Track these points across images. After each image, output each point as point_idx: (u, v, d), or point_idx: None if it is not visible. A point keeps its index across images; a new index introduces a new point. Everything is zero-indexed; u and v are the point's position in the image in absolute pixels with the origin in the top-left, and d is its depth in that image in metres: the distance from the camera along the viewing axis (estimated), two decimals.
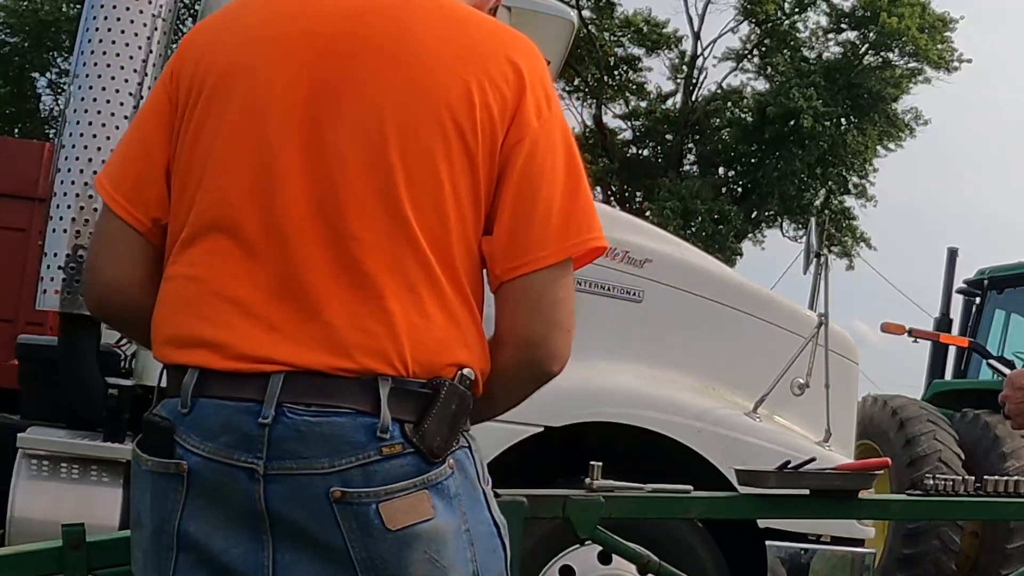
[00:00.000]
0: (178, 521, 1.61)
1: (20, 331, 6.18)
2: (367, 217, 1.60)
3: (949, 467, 7.68)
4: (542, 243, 1.66)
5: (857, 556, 4.33)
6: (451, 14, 1.72)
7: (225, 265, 1.64)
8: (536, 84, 1.69)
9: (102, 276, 1.79)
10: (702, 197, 24.94)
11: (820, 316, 4.55)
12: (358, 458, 1.56)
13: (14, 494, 4.13)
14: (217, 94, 1.68)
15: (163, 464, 1.62)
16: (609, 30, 28.16)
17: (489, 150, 1.65)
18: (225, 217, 1.65)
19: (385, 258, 1.60)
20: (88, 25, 4.20)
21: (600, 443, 4.17)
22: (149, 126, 1.77)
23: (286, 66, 1.66)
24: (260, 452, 1.56)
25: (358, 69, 1.65)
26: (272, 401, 1.56)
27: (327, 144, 1.63)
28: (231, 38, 1.74)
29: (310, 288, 1.60)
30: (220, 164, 1.66)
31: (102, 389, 4.23)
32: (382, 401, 1.56)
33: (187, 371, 1.62)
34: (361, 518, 1.56)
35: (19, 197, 7.24)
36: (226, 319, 1.61)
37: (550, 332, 1.69)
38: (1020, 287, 10.09)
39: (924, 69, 26.72)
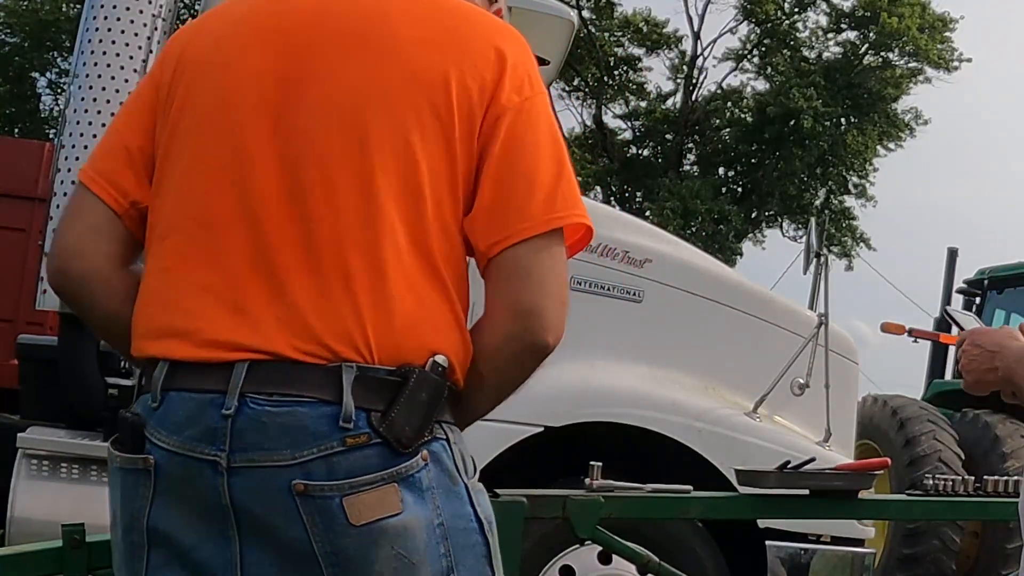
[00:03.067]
0: (147, 517, 1.59)
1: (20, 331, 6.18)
2: (337, 199, 1.58)
3: (949, 467, 7.68)
4: (526, 214, 1.61)
5: (857, 556, 4.33)
6: (434, 3, 1.71)
7: (196, 253, 1.63)
8: (519, 67, 1.67)
9: (66, 239, 1.73)
10: (702, 197, 24.93)
11: (820, 316, 4.55)
12: (320, 449, 1.51)
13: (14, 494, 4.13)
14: (193, 89, 1.69)
15: (131, 460, 1.61)
16: (609, 30, 28.15)
17: (467, 131, 1.62)
18: (195, 205, 1.64)
19: (354, 240, 1.57)
20: (88, 25, 4.20)
21: (600, 443, 4.17)
22: (133, 115, 1.77)
23: (256, 58, 1.67)
24: (223, 444, 1.53)
25: (328, 54, 1.64)
26: (235, 391, 1.53)
27: (298, 128, 1.62)
28: (210, 34, 1.75)
29: (278, 269, 1.57)
30: (192, 157, 1.66)
31: (102, 389, 4.23)
32: (344, 388, 1.51)
33: (157, 364, 1.60)
34: (324, 512, 1.51)
35: (19, 197, 7.25)
36: (196, 305, 1.60)
37: (542, 300, 1.62)
38: (1020, 287, 10.10)
39: (924, 69, 26.72)
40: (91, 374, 4.23)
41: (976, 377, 2.23)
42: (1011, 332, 2.25)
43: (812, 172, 27.28)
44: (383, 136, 1.60)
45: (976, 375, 2.23)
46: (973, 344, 2.24)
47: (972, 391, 2.30)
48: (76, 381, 4.24)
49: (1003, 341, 2.21)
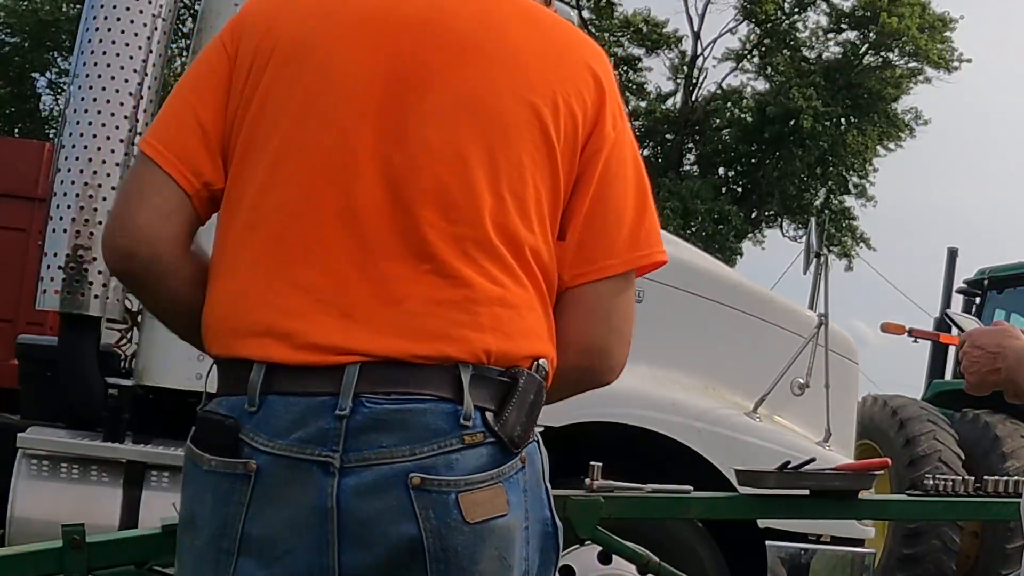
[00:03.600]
0: (241, 523, 1.53)
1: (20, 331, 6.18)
2: (450, 207, 1.56)
3: (949, 467, 7.67)
4: (611, 251, 1.66)
5: (857, 556, 4.33)
6: (532, 12, 1.70)
7: (292, 249, 1.57)
8: (613, 95, 1.68)
9: (134, 221, 1.62)
10: (702, 197, 24.94)
11: (820, 316, 4.55)
12: (440, 446, 1.50)
13: (14, 494, 4.13)
14: (285, 68, 1.61)
15: (229, 464, 1.54)
16: (609, 30, 28.15)
17: (569, 155, 1.63)
18: (290, 199, 1.58)
19: (466, 248, 1.56)
20: (88, 25, 4.20)
21: (600, 443, 4.17)
22: (205, 89, 1.67)
23: (361, 46, 1.61)
24: (336, 445, 1.49)
25: (446, 58, 1.60)
26: (349, 392, 1.50)
27: (411, 130, 1.58)
28: (301, 14, 1.66)
29: (388, 275, 1.54)
30: (288, 143, 1.59)
31: (102, 389, 4.23)
32: (465, 387, 1.52)
33: (252, 366, 1.54)
34: (439, 507, 1.50)
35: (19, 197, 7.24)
36: (296, 306, 1.54)
37: (614, 343, 1.70)
38: (1020, 287, 10.09)
39: (924, 69, 26.72)
40: (91, 374, 4.23)
41: (979, 379, 2.23)
42: (1011, 331, 2.25)
43: (812, 172, 27.28)
44: (496, 150, 1.59)
45: (978, 377, 2.23)
46: (974, 346, 2.23)
47: (975, 392, 2.30)
48: (76, 381, 4.24)
49: (1004, 341, 2.21)
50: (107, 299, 4.13)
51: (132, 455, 4.19)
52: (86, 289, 4.09)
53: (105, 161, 4.13)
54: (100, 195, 4.11)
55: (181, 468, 1.59)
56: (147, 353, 4.30)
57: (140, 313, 4.42)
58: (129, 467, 4.18)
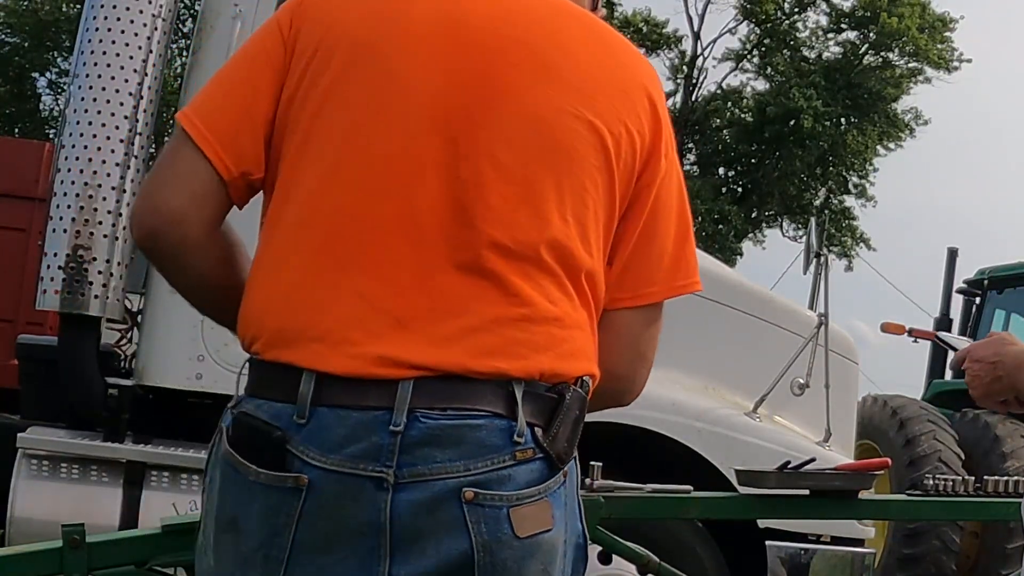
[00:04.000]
0: (292, 535, 1.51)
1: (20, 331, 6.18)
2: (513, 225, 1.55)
3: (949, 467, 7.67)
4: (651, 280, 1.70)
5: (857, 556, 4.33)
6: (595, 29, 1.71)
7: (347, 254, 1.54)
8: (667, 123, 1.70)
9: (169, 203, 1.58)
10: (702, 197, 24.94)
11: (820, 316, 4.55)
12: (494, 462, 1.51)
13: (14, 494, 4.13)
14: (352, 68, 1.58)
15: (279, 478, 1.51)
16: None
17: (626, 182, 1.65)
18: (350, 201, 1.55)
19: (526, 268, 1.56)
20: (88, 25, 4.20)
21: (600, 443, 4.16)
22: (258, 73, 1.62)
23: (430, 54, 1.58)
24: (390, 460, 1.48)
25: (517, 73, 1.59)
26: (403, 407, 1.48)
27: (480, 143, 1.56)
28: (363, 10, 1.63)
29: (445, 289, 1.53)
30: (351, 146, 1.56)
31: (102, 389, 4.23)
32: (518, 404, 1.52)
33: (301, 374, 1.51)
34: (491, 522, 1.50)
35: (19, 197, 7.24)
36: (350, 312, 1.52)
37: (638, 370, 1.76)
38: (1020, 287, 10.08)
39: (924, 69, 26.74)
40: (91, 374, 4.23)
41: (983, 391, 2.23)
42: (1007, 339, 2.25)
43: (812, 172, 27.29)
44: (563, 174, 1.59)
45: (982, 389, 2.23)
46: (973, 360, 2.23)
47: (985, 405, 2.30)
48: (76, 381, 4.23)
49: (1000, 349, 2.21)
50: (107, 299, 4.13)
51: (132, 455, 4.19)
52: (86, 289, 4.09)
53: (105, 161, 4.12)
54: (100, 195, 4.11)
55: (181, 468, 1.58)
56: (147, 353, 4.30)
57: (140, 313, 4.42)
58: (129, 467, 4.18)
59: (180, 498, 4.10)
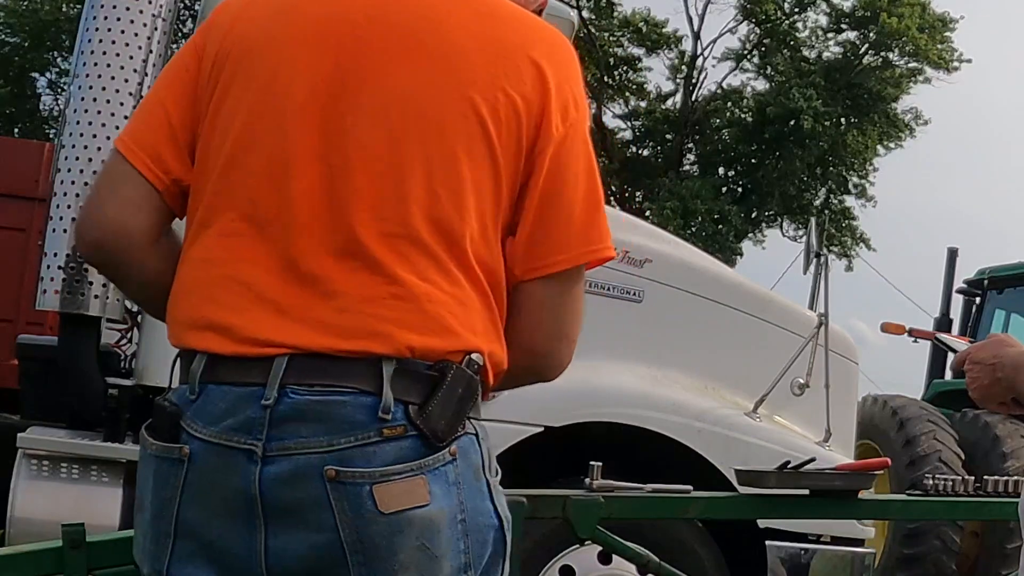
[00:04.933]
0: (176, 507, 1.60)
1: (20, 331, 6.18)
2: (381, 205, 1.60)
3: (949, 467, 7.67)
4: (561, 247, 1.68)
5: (857, 556, 4.33)
6: (481, 6, 1.71)
7: (238, 247, 1.63)
8: (563, 86, 1.68)
9: (106, 213, 1.70)
10: (702, 197, 24.92)
11: (820, 316, 4.55)
12: (358, 438, 1.54)
13: (14, 494, 4.13)
14: (239, 70, 1.66)
15: (166, 448, 1.61)
16: (609, 30, 28.14)
17: (513, 150, 1.65)
18: (239, 198, 1.64)
19: (398, 246, 1.59)
20: (88, 25, 4.20)
21: (600, 443, 4.17)
22: (174, 87, 1.73)
23: (309, 48, 1.65)
24: (260, 434, 1.55)
25: (383, 55, 1.64)
26: (275, 383, 1.55)
27: (347, 129, 1.62)
28: (259, 12, 1.71)
29: (319, 273, 1.59)
30: (238, 144, 1.64)
31: (102, 389, 4.23)
32: (385, 381, 1.55)
33: (195, 356, 1.62)
34: (353, 499, 1.53)
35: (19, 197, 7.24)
36: (236, 302, 1.61)
37: (556, 345, 1.73)
38: (1020, 287, 10.09)
39: (924, 69, 26.69)
40: (91, 374, 4.23)
41: (982, 393, 2.23)
42: (1006, 341, 2.25)
43: (812, 172, 27.27)
44: (430, 146, 1.61)
45: (982, 391, 2.23)
46: (972, 362, 2.24)
47: (986, 407, 2.31)
48: (76, 381, 4.23)
49: (998, 351, 2.21)
50: (107, 299, 4.13)
51: (132, 455, 4.18)
52: (86, 289, 4.09)
53: (105, 161, 4.12)
54: None
55: None
56: (147, 353, 4.30)
57: (140, 313, 4.42)
58: (129, 467, 4.18)
59: None
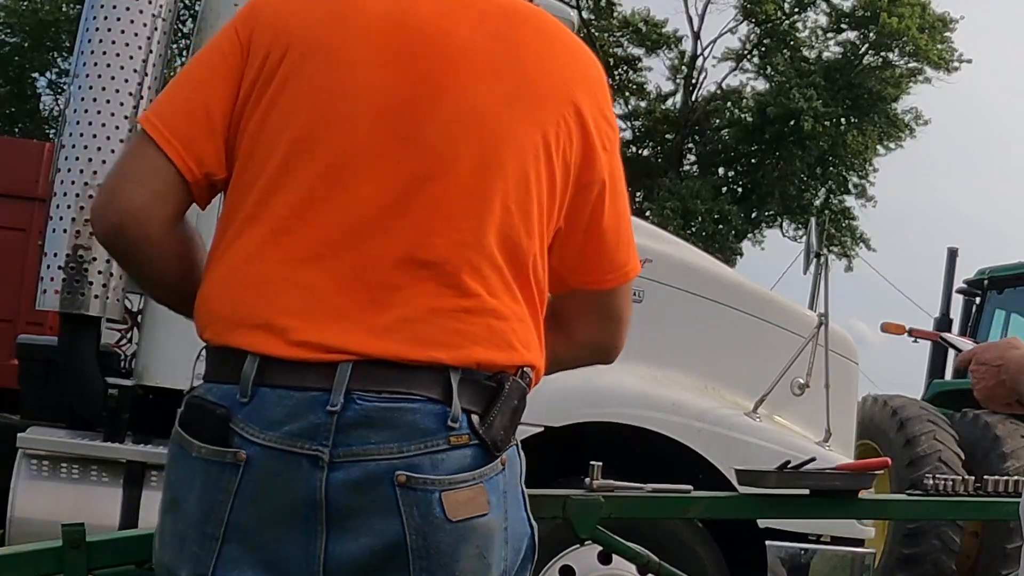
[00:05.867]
0: (228, 511, 1.56)
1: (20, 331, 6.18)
2: (456, 218, 1.60)
3: (949, 467, 7.67)
4: (623, 261, 1.82)
5: (857, 556, 4.33)
6: (542, 26, 1.74)
7: (295, 248, 1.59)
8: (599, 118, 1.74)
9: (133, 201, 1.63)
10: (702, 197, 24.93)
11: (820, 316, 4.55)
12: (427, 445, 1.55)
13: (14, 494, 4.14)
14: (299, 67, 1.63)
15: (218, 452, 1.57)
16: (608, 30, 28.14)
17: (564, 175, 1.70)
18: (298, 198, 1.60)
19: (470, 259, 1.61)
20: (88, 25, 4.20)
21: (600, 443, 4.17)
22: (215, 77, 1.67)
23: (377, 51, 1.63)
24: (326, 440, 1.53)
25: (459, 71, 1.64)
26: (341, 389, 1.54)
27: (422, 140, 1.61)
28: (315, 10, 1.68)
29: (386, 280, 1.58)
30: (298, 142, 1.61)
31: (102, 389, 4.23)
32: (453, 390, 1.57)
33: (246, 357, 1.57)
34: (423, 505, 1.54)
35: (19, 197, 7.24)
36: (293, 303, 1.57)
37: (620, 340, 1.90)
38: (1020, 287, 10.09)
39: (924, 69, 26.71)
40: (91, 374, 4.23)
41: (986, 394, 2.24)
42: (1013, 343, 2.25)
43: (812, 172, 27.28)
44: (507, 164, 1.63)
45: (986, 391, 2.24)
46: (978, 362, 2.25)
47: (989, 407, 2.32)
48: (76, 381, 4.23)
49: (1004, 353, 2.22)
50: (107, 299, 4.13)
51: (132, 455, 4.19)
52: (86, 289, 4.09)
53: (105, 161, 4.12)
54: None
55: None
56: (147, 353, 4.31)
57: (140, 313, 4.42)
58: (129, 467, 4.19)
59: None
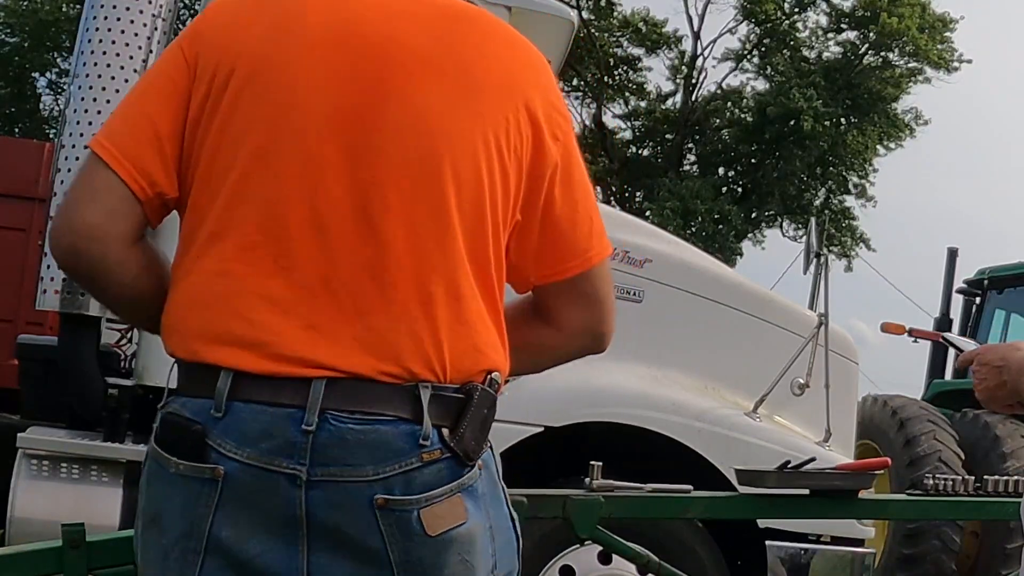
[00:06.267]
0: (209, 525, 1.58)
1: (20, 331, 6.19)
2: (413, 223, 1.62)
3: (949, 467, 7.67)
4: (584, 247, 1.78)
5: (857, 556, 4.33)
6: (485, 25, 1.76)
7: (261, 262, 1.60)
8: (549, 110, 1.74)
9: (85, 219, 1.63)
10: (702, 197, 24.92)
11: (820, 316, 4.55)
12: (401, 465, 1.58)
13: (14, 494, 4.14)
14: (249, 85, 1.64)
15: (196, 468, 1.58)
16: (608, 30, 28.13)
17: (517, 170, 1.70)
18: (259, 212, 1.61)
19: (430, 264, 1.62)
20: (88, 25, 4.20)
21: (600, 443, 4.17)
22: (163, 97, 1.68)
23: (324, 62, 1.64)
24: (303, 458, 1.55)
25: (404, 75, 1.65)
26: (315, 408, 1.56)
27: (373, 146, 1.62)
28: (260, 27, 1.68)
29: (353, 290, 1.59)
30: (255, 159, 1.62)
31: (102, 389, 4.23)
32: (424, 408, 1.59)
33: (220, 372, 1.58)
34: (403, 524, 1.58)
35: (19, 197, 7.25)
36: (263, 317, 1.58)
37: (609, 322, 1.85)
38: (1020, 287, 10.09)
39: (924, 69, 26.69)
40: (91, 374, 4.23)
41: (987, 395, 2.25)
42: (1015, 344, 2.26)
43: (812, 172, 27.27)
44: (458, 164, 1.64)
45: (987, 392, 2.24)
46: (980, 363, 2.25)
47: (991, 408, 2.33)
48: (76, 381, 4.24)
49: (1007, 354, 2.22)
50: None
51: (132, 455, 4.19)
52: None
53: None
54: None
55: None
56: (147, 353, 4.30)
57: None
58: (129, 467, 4.18)
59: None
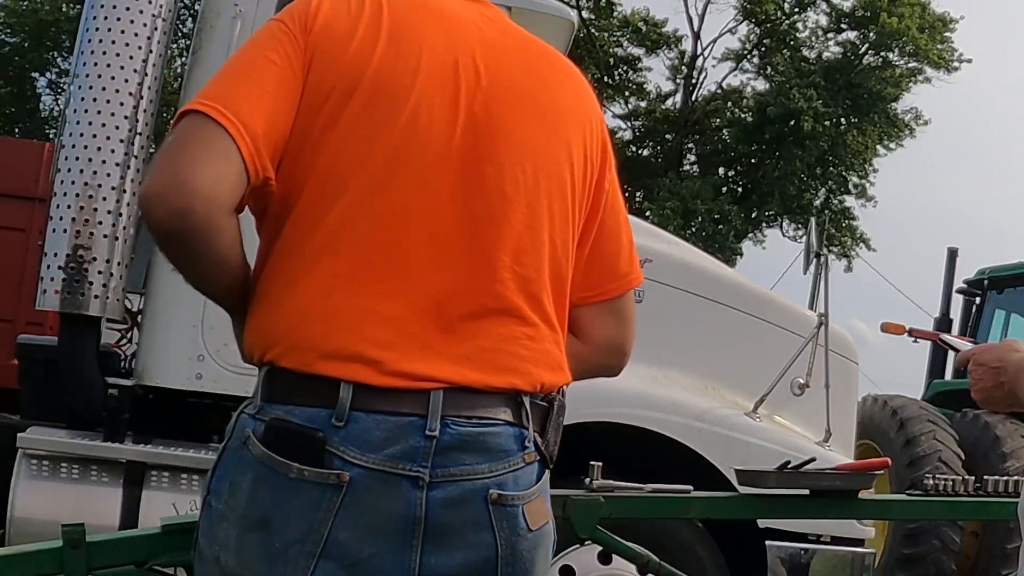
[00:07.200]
0: (328, 528, 1.65)
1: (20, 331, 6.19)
2: (518, 253, 1.76)
3: (949, 467, 7.68)
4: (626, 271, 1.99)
5: (857, 556, 4.33)
6: (557, 63, 1.92)
7: (376, 281, 1.69)
8: (607, 139, 1.94)
9: (198, 181, 1.56)
10: (702, 197, 24.92)
11: (820, 316, 4.55)
12: (510, 464, 1.74)
13: (14, 494, 4.14)
14: (376, 101, 1.70)
15: (322, 475, 1.65)
16: (608, 30, 28.14)
17: (584, 196, 1.89)
18: (378, 233, 1.69)
19: (531, 291, 1.78)
20: (88, 25, 4.21)
21: (600, 443, 4.17)
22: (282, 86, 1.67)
23: (442, 89, 1.74)
24: (426, 461, 1.67)
25: (510, 110, 1.78)
26: (436, 414, 1.68)
27: (487, 179, 1.74)
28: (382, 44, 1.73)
29: (464, 311, 1.72)
30: (376, 182, 1.70)
31: (102, 389, 4.24)
32: (527, 414, 1.76)
33: (339, 384, 1.66)
34: (511, 518, 1.73)
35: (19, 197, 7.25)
36: (381, 335, 1.67)
37: (631, 341, 2.04)
38: (1020, 287, 10.10)
39: (924, 69, 26.70)
40: (91, 374, 4.24)
41: (984, 395, 2.25)
42: (1013, 345, 2.25)
43: (812, 172, 27.28)
44: (553, 200, 1.81)
45: (984, 393, 2.25)
46: (977, 364, 2.25)
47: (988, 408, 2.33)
48: (76, 381, 4.24)
49: (1004, 355, 2.22)
50: (107, 299, 4.13)
51: (132, 455, 4.20)
52: (86, 289, 4.10)
53: (105, 161, 4.13)
54: (100, 195, 4.12)
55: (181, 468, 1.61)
56: (147, 353, 4.31)
57: (140, 313, 4.42)
58: (129, 467, 4.19)
59: (180, 498, 4.11)
